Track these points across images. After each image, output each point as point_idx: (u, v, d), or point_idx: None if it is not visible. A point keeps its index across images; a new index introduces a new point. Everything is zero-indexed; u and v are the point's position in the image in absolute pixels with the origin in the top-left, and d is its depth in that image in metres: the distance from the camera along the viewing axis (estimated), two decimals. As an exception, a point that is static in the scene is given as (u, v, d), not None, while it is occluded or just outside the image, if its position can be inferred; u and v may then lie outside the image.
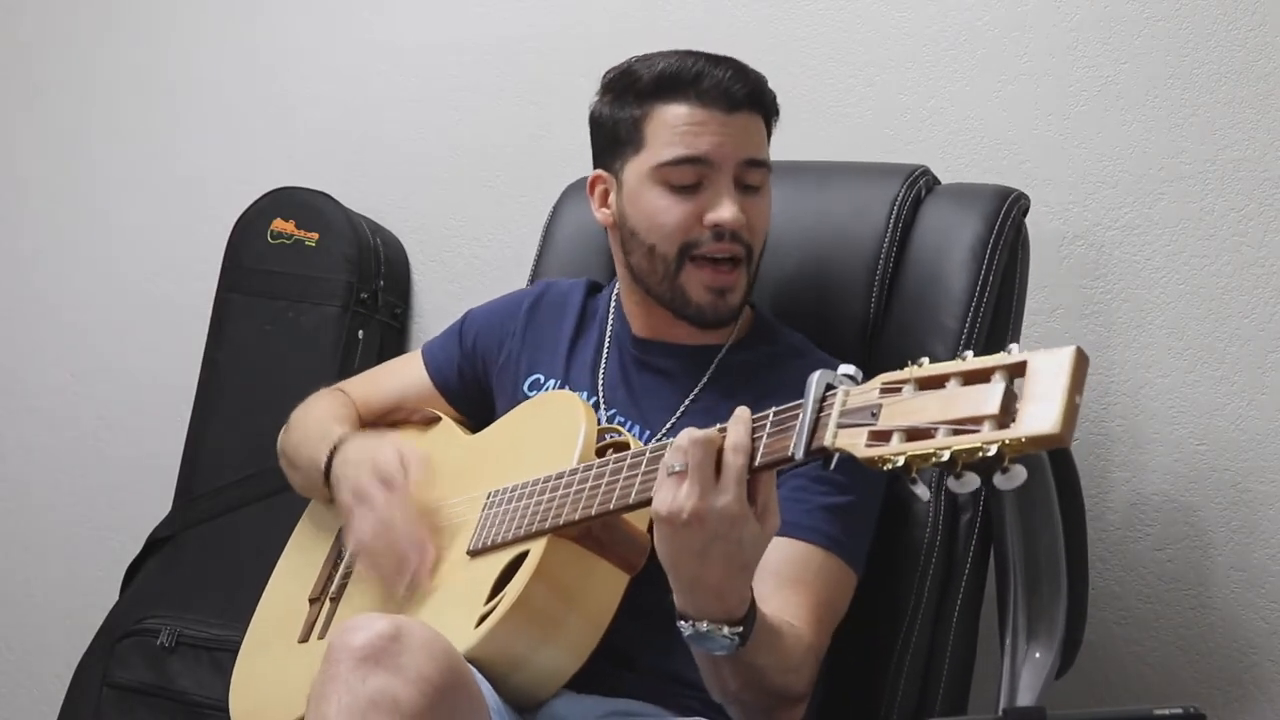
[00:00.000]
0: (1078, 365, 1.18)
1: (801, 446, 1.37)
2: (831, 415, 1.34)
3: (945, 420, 1.22)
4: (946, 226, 1.97)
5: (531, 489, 1.69)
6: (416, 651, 1.46)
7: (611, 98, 1.84)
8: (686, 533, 1.43)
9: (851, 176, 2.09)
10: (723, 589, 1.46)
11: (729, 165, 1.76)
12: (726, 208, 1.75)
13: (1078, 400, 1.17)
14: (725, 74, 1.76)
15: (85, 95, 2.97)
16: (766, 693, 1.57)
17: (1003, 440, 1.17)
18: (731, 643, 1.48)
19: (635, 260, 1.82)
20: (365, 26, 2.74)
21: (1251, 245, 2.08)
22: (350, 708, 1.43)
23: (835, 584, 1.69)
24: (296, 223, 2.60)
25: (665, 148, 1.76)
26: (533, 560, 1.62)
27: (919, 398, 1.27)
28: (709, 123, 1.75)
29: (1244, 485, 2.07)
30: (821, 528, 1.68)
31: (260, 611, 2.01)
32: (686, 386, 1.82)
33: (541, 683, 1.64)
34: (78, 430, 2.92)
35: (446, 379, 2.03)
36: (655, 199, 1.77)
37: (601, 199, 1.86)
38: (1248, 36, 2.09)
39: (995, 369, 1.22)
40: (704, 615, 1.47)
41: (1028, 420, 1.17)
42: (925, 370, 1.28)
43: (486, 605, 1.62)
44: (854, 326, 1.96)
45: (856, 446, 1.29)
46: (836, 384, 1.37)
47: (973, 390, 1.22)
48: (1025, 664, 1.83)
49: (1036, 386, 1.18)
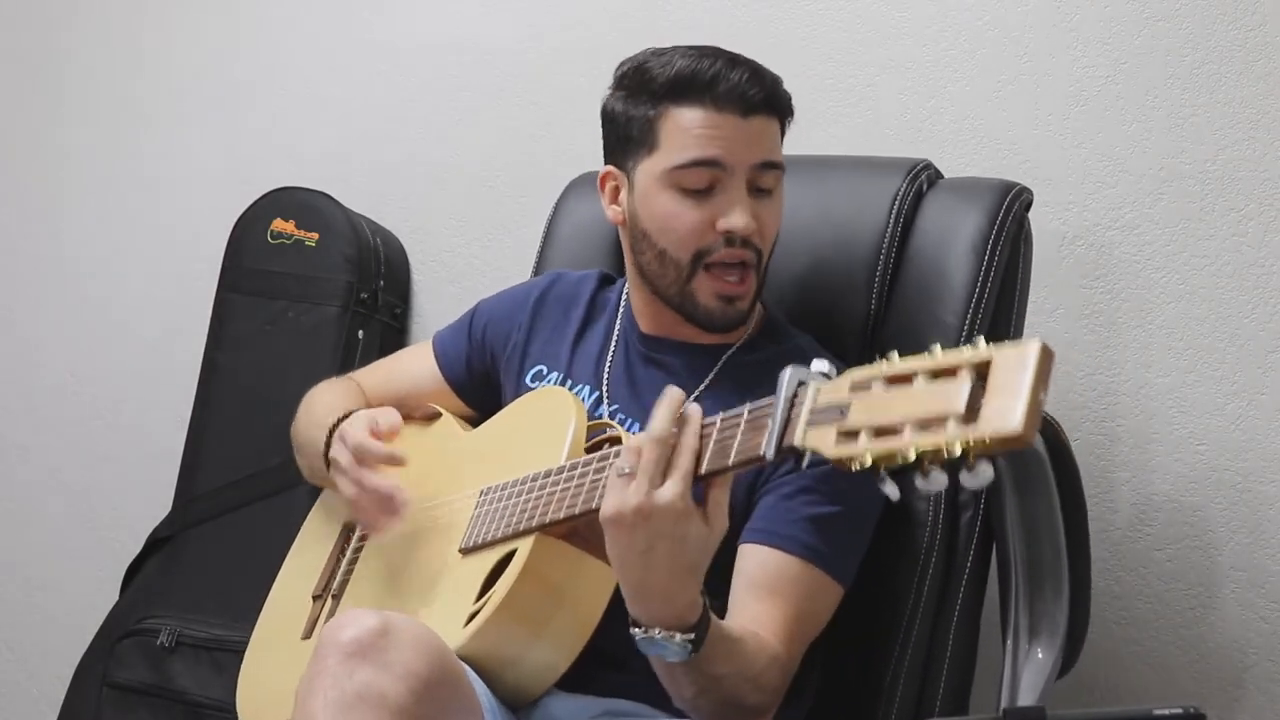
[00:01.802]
0: (1042, 361, 1.15)
1: (773, 445, 1.35)
2: (802, 413, 1.32)
3: (911, 418, 1.20)
4: (948, 220, 1.96)
5: (520, 487, 1.69)
6: (405, 647, 1.46)
7: (625, 94, 1.81)
8: (631, 533, 1.42)
9: (853, 170, 2.09)
10: (670, 591, 1.45)
11: (742, 169, 1.75)
12: (739, 215, 1.74)
13: (1043, 397, 1.15)
14: (742, 77, 1.74)
15: (85, 95, 2.97)
16: (724, 702, 1.56)
17: (967, 440, 1.15)
18: (684, 650, 1.47)
19: (646, 261, 1.81)
20: (366, 26, 2.74)
21: (1251, 245, 2.08)
22: (337, 702, 1.43)
23: (813, 595, 1.67)
24: (296, 223, 2.60)
25: (679, 151, 1.75)
26: (520, 559, 1.62)
27: (887, 394, 1.25)
28: (723, 126, 1.74)
29: (1244, 485, 2.07)
30: (802, 537, 1.67)
31: (267, 609, 2.02)
32: (690, 384, 1.81)
33: (533, 680, 1.64)
34: (78, 430, 2.92)
35: (456, 371, 2.03)
36: (668, 202, 1.76)
37: (612, 195, 1.85)
38: (1248, 36, 2.09)
39: (962, 365, 1.20)
40: (655, 621, 1.46)
41: (992, 419, 1.15)
42: (893, 367, 1.26)
43: (476, 604, 1.63)
44: (855, 321, 1.96)
45: (826, 445, 1.27)
46: (808, 380, 1.35)
47: (939, 386, 1.20)
48: (1027, 664, 1.83)
49: (1001, 384, 1.16)
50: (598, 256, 2.14)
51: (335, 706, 1.43)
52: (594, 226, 2.14)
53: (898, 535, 1.82)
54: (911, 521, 1.85)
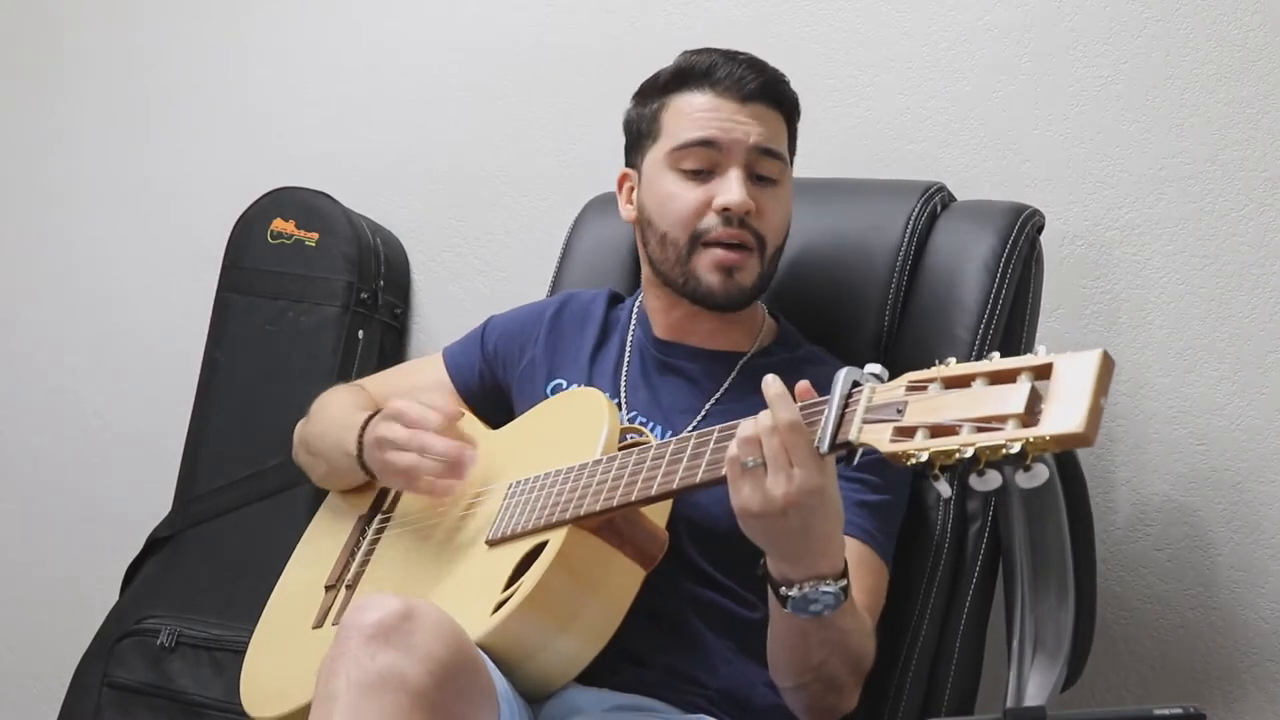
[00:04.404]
0: (1103, 368, 1.20)
1: (827, 440, 1.41)
2: (857, 411, 1.38)
3: (970, 418, 1.24)
4: (961, 241, 1.99)
5: (553, 479, 1.71)
6: (427, 631, 1.47)
7: (637, 100, 1.90)
8: (784, 519, 1.46)
9: (869, 192, 2.12)
10: (826, 548, 1.50)
11: (739, 151, 1.79)
12: (734, 191, 1.78)
13: (1102, 402, 1.20)
14: (740, 66, 1.82)
15: (85, 95, 2.97)
16: (849, 661, 1.60)
17: (1027, 438, 1.20)
18: (839, 595, 1.52)
19: (652, 249, 1.86)
20: (366, 26, 2.74)
21: (1251, 245, 2.09)
22: (359, 683, 1.44)
23: (874, 575, 1.73)
24: (296, 223, 2.60)
25: (678, 134, 1.82)
26: (551, 550, 1.63)
27: (944, 396, 1.29)
28: (721, 109, 1.80)
29: (1244, 485, 2.07)
30: (860, 522, 1.71)
31: (274, 600, 2.02)
32: (709, 389, 1.84)
33: (554, 672, 1.65)
34: (78, 430, 2.92)
35: (467, 381, 2.04)
36: (667, 184, 1.82)
37: (627, 195, 1.91)
38: (1248, 36, 2.09)
39: (1021, 370, 1.24)
40: (810, 575, 1.50)
41: (1053, 420, 1.20)
42: (952, 369, 1.31)
43: (504, 593, 1.63)
44: (868, 339, 1.98)
45: (881, 441, 1.32)
46: (863, 381, 1.40)
47: (998, 390, 1.25)
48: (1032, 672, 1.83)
49: (1062, 388, 1.21)
50: (614, 274, 2.17)
51: (357, 687, 1.44)
52: (611, 245, 2.18)
53: (908, 539, 1.83)
54: (921, 526, 1.87)
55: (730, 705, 1.71)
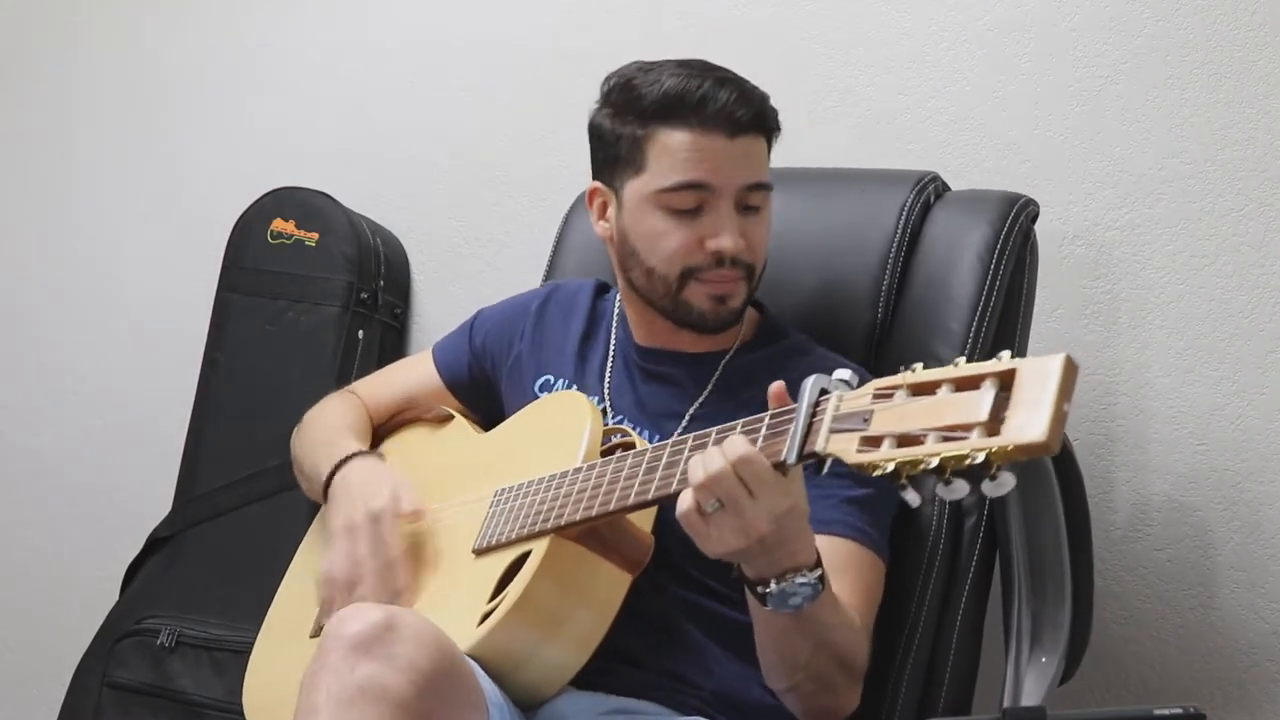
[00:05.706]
0: (1066, 373, 1.19)
1: (795, 451, 1.40)
2: (824, 420, 1.37)
3: (935, 427, 1.23)
4: (954, 232, 1.98)
5: (536, 488, 1.70)
6: (408, 641, 1.47)
7: (612, 112, 1.82)
8: (761, 545, 1.47)
9: (861, 182, 2.10)
10: (799, 545, 1.50)
11: (730, 190, 1.75)
12: (727, 237, 1.75)
13: (1066, 408, 1.19)
14: (730, 97, 1.74)
15: (85, 95, 2.97)
16: (836, 657, 1.60)
17: (990, 448, 1.19)
18: (816, 586, 1.51)
19: (635, 276, 1.82)
20: (366, 26, 2.74)
21: (1251, 245, 2.08)
22: (339, 695, 1.44)
23: (868, 571, 1.72)
24: (296, 223, 2.60)
25: (666, 174, 1.75)
26: (535, 560, 1.62)
27: (910, 404, 1.28)
28: (710, 149, 1.74)
29: (1244, 485, 2.07)
30: (847, 520, 1.70)
31: (275, 607, 2.02)
32: (692, 394, 1.83)
33: (544, 681, 1.65)
34: (78, 430, 2.92)
35: (456, 376, 2.04)
36: (656, 222, 1.77)
37: (600, 211, 1.86)
38: (1248, 36, 2.09)
39: (986, 376, 1.23)
40: (783, 570, 1.50)
41: (1016, 428, 1.19)
42: (918, 376, 1.30)
43: (489, 604, 1.63)
44: (861, 331, 1.97)
45: (848, 452, 1.31)
46: (831, 389, 1.40)
47: (963, 397, 1.24)
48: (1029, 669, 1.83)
49: (1025, 394, 1.20)
50: (606, 267, 2.14)
51: (336, 700, 1.43)
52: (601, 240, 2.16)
53: (902, 539, 1.82)
54: (916, 525, 1.86)
55: (726, 707, 1.70)
